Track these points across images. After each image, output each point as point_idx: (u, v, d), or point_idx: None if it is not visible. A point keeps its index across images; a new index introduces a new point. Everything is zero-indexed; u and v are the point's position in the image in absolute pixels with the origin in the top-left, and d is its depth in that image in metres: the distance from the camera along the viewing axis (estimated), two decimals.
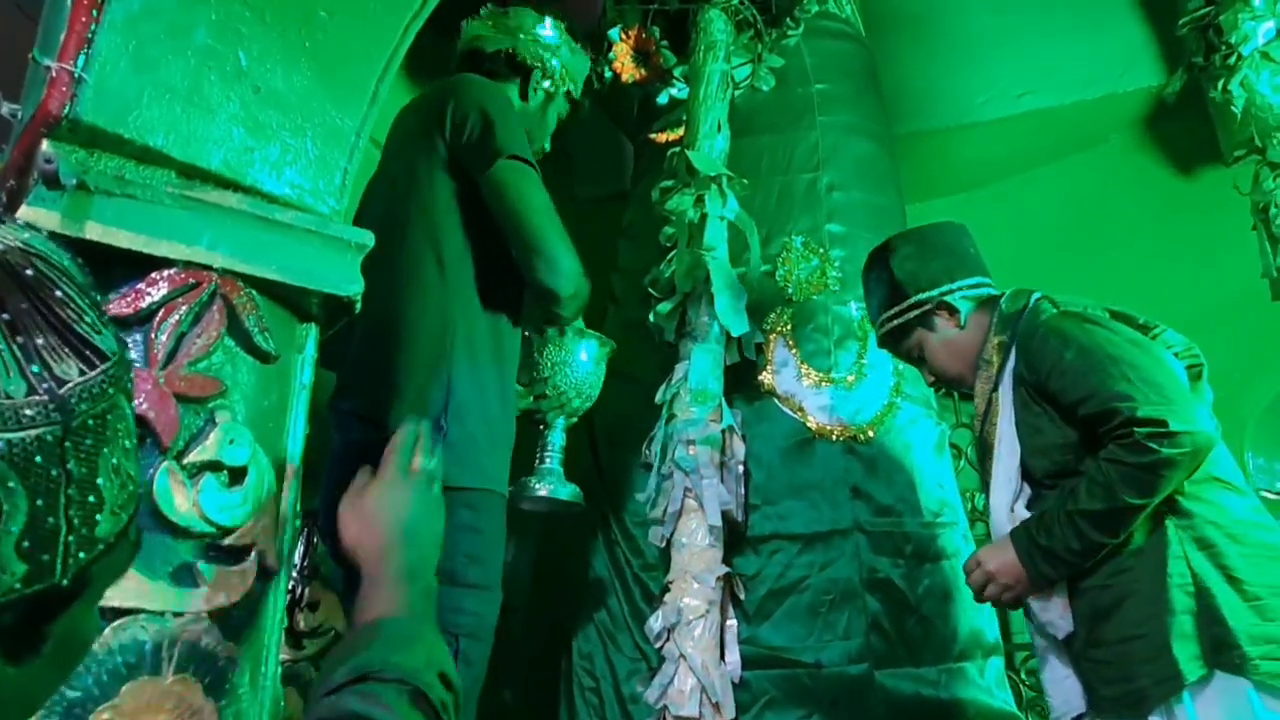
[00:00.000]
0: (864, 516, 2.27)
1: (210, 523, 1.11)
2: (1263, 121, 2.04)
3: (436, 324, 1.76)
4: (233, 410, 1.18)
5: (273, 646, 1.21)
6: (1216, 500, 1.53)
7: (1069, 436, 1.62)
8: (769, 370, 2.41)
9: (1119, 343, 1.59)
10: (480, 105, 1.83)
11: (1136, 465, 1.48)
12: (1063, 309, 1.70)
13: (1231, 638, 1.41)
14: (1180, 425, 1.47)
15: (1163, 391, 1.51)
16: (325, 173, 1.33)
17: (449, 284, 1.79)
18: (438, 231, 1.81)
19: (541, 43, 2.07)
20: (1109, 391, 1.53)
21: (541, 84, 2.06)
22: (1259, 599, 1.44)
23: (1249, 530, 1.51)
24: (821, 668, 2.13)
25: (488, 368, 1.80)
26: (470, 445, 1.72)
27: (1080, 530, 1.53)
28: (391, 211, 1.85)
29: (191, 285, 1.17)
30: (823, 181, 2.63)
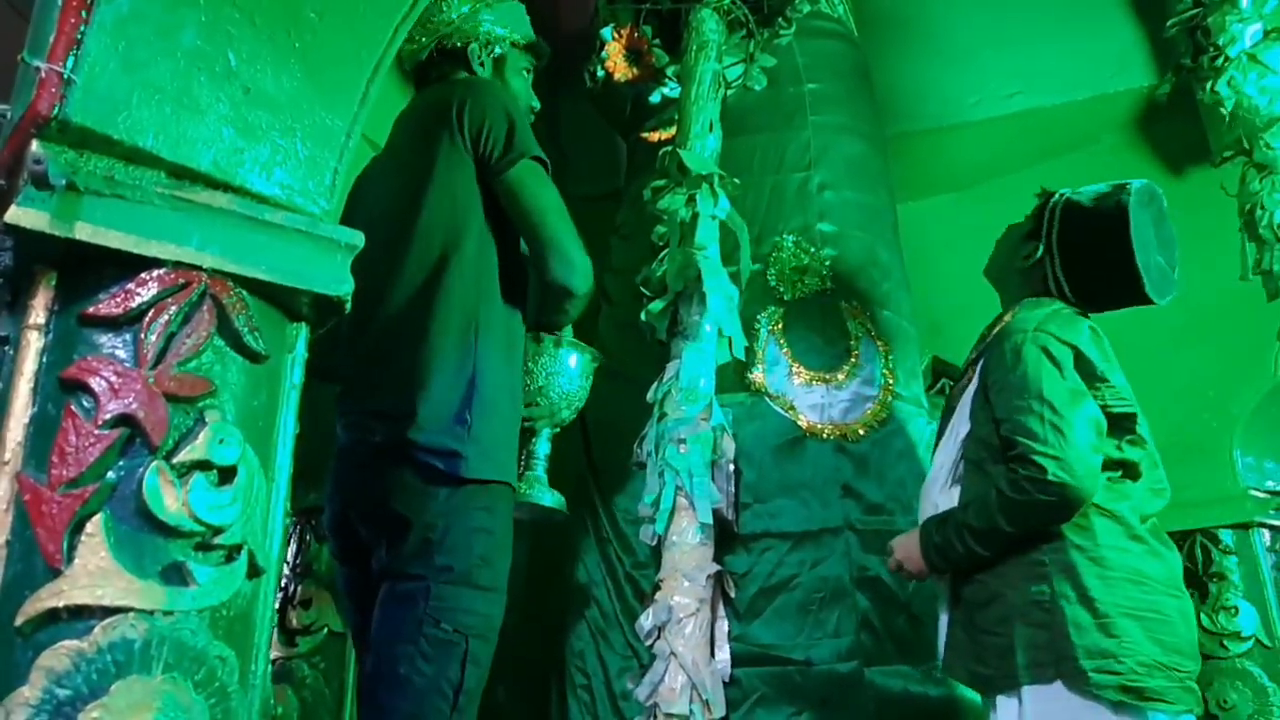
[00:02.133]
0: (854, 515, 2.29)
1: (200, 522, 1.11)
2: (1250, 123, 2.05)
3: (461, 320, 1.79)
4: (222, 410, 1.18)
5: (263, 645, 1.22)
6: (1089, 526, 1.67)
7: (993, 439, 1.75)
8: (760, 369, 2.42)
9: (1058, 388, 1.70)
10: (496, 107, 1.87)
11: (1010, 499, 1.65)
12: (1037, 331, 1.76)
13: (1072, 651, 1.57)
14: (1056, 476, 1.61)
15: (1065, 443, 1.63)
16: (315, 173, 1.33)
17: (471, 282, 1.82)
18: (460, 231, 1.84)
19: (455, 20, 2.07)
20: (1021, 424, 1.68)
21: (483, 54, 2.07)
22: (1107, 617, 1.59)
23: (1114, 554, 1.66)
24: (811, 665, 2.15)
25: (504, 364, 1.84)
26: (492, 439, 1.77)
27: (963, 539, 1.72)
28: (405, 211, 1.87)
29: (181, 285, 1.17)
30: (814, 181, 2.64)
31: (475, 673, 1.71)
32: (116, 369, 1.11)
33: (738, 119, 2.68)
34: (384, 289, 1.85)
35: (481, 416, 1.75)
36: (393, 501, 1.74)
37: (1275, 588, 3.06)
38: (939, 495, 1.87)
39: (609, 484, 2.59)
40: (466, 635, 1.69)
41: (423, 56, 2.10)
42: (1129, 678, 1.54)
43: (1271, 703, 2.89)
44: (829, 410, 2.38)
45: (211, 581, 1.12)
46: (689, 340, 2.23)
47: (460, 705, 1.68)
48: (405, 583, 1.73)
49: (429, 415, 1.73)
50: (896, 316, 2.64)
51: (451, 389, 1.75)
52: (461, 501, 1.74)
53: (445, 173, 1.86)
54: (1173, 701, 1.56)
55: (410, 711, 1.66)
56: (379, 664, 1.72)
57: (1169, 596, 1.66)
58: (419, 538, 1.72)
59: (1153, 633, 1.59)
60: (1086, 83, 3.46)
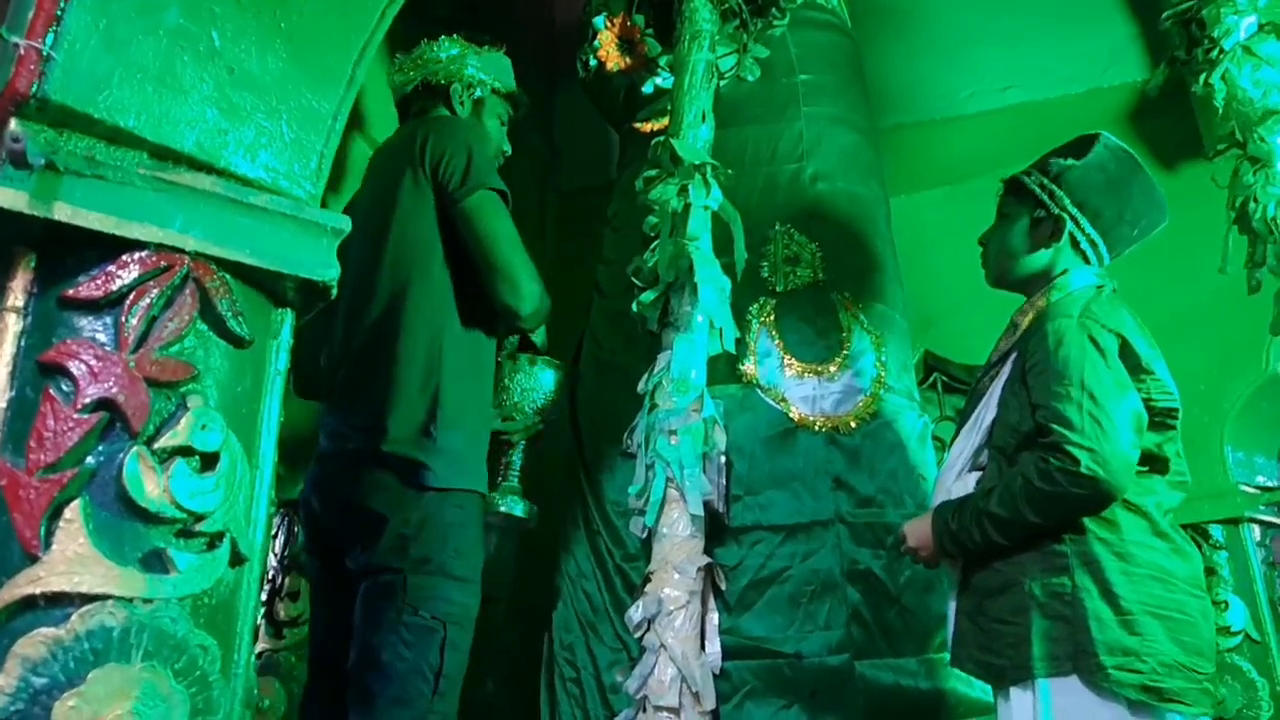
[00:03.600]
0: (845, 507, 2.28)
1: (181, 509, 1.10)
2: (1244, 116, 2.04)
3: (425, 341, 1.95)
4: (205, 395, 1.17)
5: (245, 634, 1.20)
6: (1114, 520, 1.63)
7: (1026, 426, 1.71)
8: (752, 361, 2.40)
9: (1101, 377, 1.65)
10: (456, 140, 2.03)
11: (1039, 489, 1.61)
12: (1084, 317, 1.72)
13: (1092, 647, 1.55)
14: (1090, 469, 1.57)
15: (1102, 435, 1.59)
16: (301, 156, 1.31)
17: (434, 305, 1.98)
18: (424, 259, 2.00)
19: (443, 60, 2.26)
20: (1058, 411, 1.63)
21: (464, 94, 2.25)
22: (1130, 614, 1.56)
23: (1139, 550, 1.62)
24: (802, 658, 2.14)
25: (470, 381, 1.99)
26: (456, 451, 1.91)
27: (983, 527, 1.68)
28: (375, 242, 2.03)
29: (164, 268, 1.15)
30: (807, 172, 2.63)
31: (455, 658, 1.84)
32: (96, 352, 1.09)
33: (731, 110, 2.66)
34: (358, 314, 2.03)
35: (446, 430, 1.90)
36: (369, 502, 1.88)
37: (1265, 583, 3.07)
38: (954, 482, 1.83)
39: (599, 476, 2.57)
40: (445, 622, 1.82)
41: (408, 90, 2.27)
42: (1150, 677, 1.52)
43: (1260, 697, 2.90)
44: (820, 402, 2.37)
45: (193, 569, 1.10)
46: (680, 331, 2.21)
47: (441, 689, 1.79)
48: (384, 575, 1.85)
49: (397, 430, 1.89)
50: (889, 309, 2.62)
51: (417, 405, 1.90)
52: (433, 503, 1.88)
53: (409, 204, 2.02)
54: (1190, 703, 1.53)
55: (394, 695, 1.77)
56: (363, 652, 1.83)
57: (1192, 596, 1.63)
58: (395, 534, 1.85)
59: (1175, 633, 1.56)
60: (1080, 77, 3.45)
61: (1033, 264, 1.91)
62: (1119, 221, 1.85)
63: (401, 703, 1.77)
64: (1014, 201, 1.97)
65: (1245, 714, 2.89)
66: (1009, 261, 1.95)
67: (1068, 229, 1.86)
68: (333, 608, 1.98)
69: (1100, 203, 1.84)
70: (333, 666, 1.94)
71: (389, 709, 1.77)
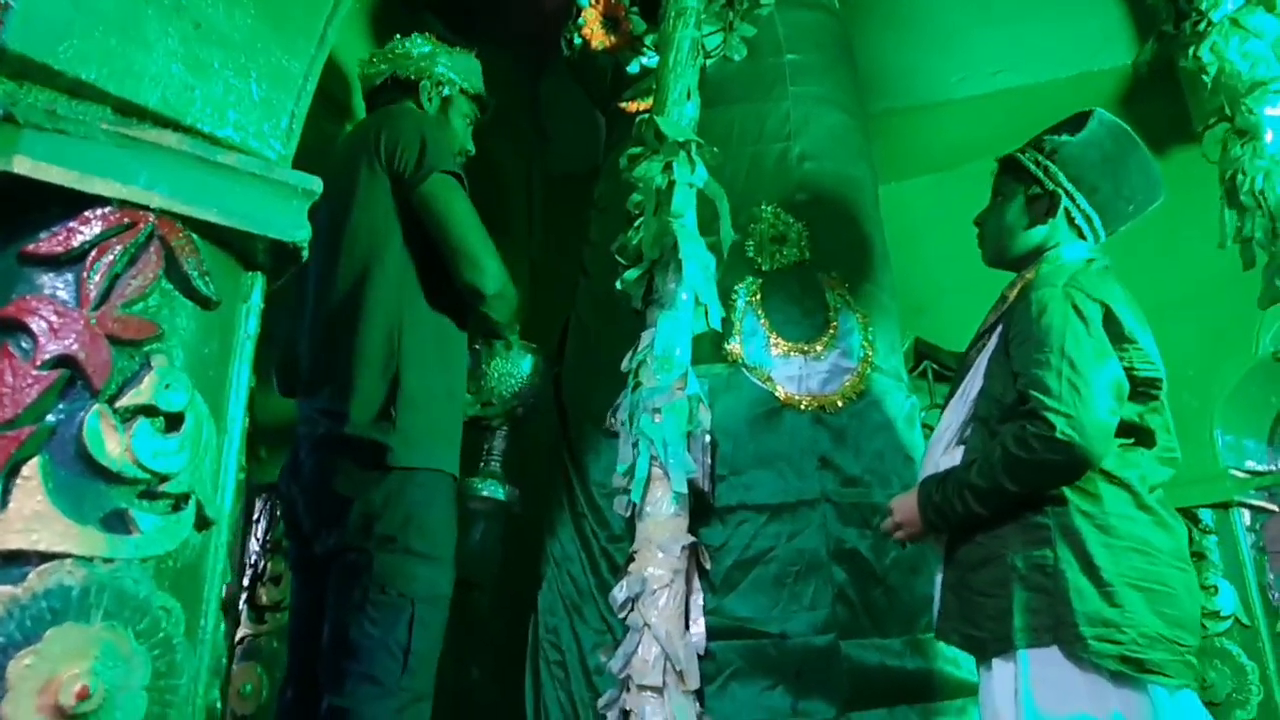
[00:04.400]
0: (831, 487, 2.26)
1: (144, 468, 1.07)
2: (1232, 89, 2.02)
3: (384, 327, 1.97)
4: (170, 355, 1.14)
5: (213, 600, 1.18)
6: (1096, 492, 1.62)
7: (1009, 397, 1.70)
8: (738, 340, 2.38)
9: (1082, 344, 1.63)
10: (412, 128, 2.06)
11: (1015, 457, 1.61)
12: (1069, 286, 1.71)
13: (1072, 618, 1.53)
14: (1065, 435, 1.56)
15: (1080, 402, 1.58)
16: (271, 115, 1.29)
17: (392, 291, 2.00)
18: (381, 246, 2.02)
19: (415, 57, 2.30)
20: (1038, 378, 1.62)
21: (433, 91, 2.29)
22: (1110, 586, 1.55)
23: (1121, 523, 1.61)
24: (787, 638, 2.12)
25: (432, 364, 2.01)
26: (417, 432, 1.93)
27: (964, 498, 1.67)
28: (337, 230, 2.06)
29: (127, 225, 1.13)
30: (794, 151, 2.60)
31: (425, 635, 1.85)
32: (56, 309, 1.07)
33: (717, 89, 2.64)
34: (322, 303, 2.07)
35: (406, 411, 1.92)
36: (335, 485, 1.91)
37: (1255, 567, 3.06)
38: (941, 456, 1.82)
39: (584, 459, 2.55)
40: (412, 599, 1.84)
41: (377, 82, 2.31)
42: (1130, 648, 1.51)
43: (1250, 681, 2.89)
44: (807, 382, 2.35)
45: (156, 530, 1.08)
46: (664, 309, 2.19)
47: (411, 665, 1.81)
48: (350, 555, 1.88)
49: (358, 414, 1.91)
50: (876, 289, 2.60)
51: (377, 388, 1.93)
52: (396, 483, 1.90)
53: (366, 192, 2.05)
54: (1172, 675, 1.53)
55: (363, 672, 1.79)
56: (333, 631, 1.86)
57: (1174, 569, 1.61)
58: (359, 514, 1.87)
59: (1156, 605, 1.55)
60: (1070, 61, 3.44)
61: (1029, 241, 1.89)
62: (1115, 197, 1.84)
63: (370, 680, 1.79)
64: (1009, 180, 1.96)
65: (1235, 698, 2.88)
66: (1005, 239, 1.94)
67: (1063, 205, 1.84)
68: (310, 591, 2.00)
69: (1096, 178, 1.83)
70: (310, 649, 1.96)
71: (358, 686, 1.79)
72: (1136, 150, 1.86)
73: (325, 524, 1.93)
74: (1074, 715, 1.51)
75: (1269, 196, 1.94)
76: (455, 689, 3.23)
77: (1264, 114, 1.96)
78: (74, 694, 0.94)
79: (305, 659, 2.02)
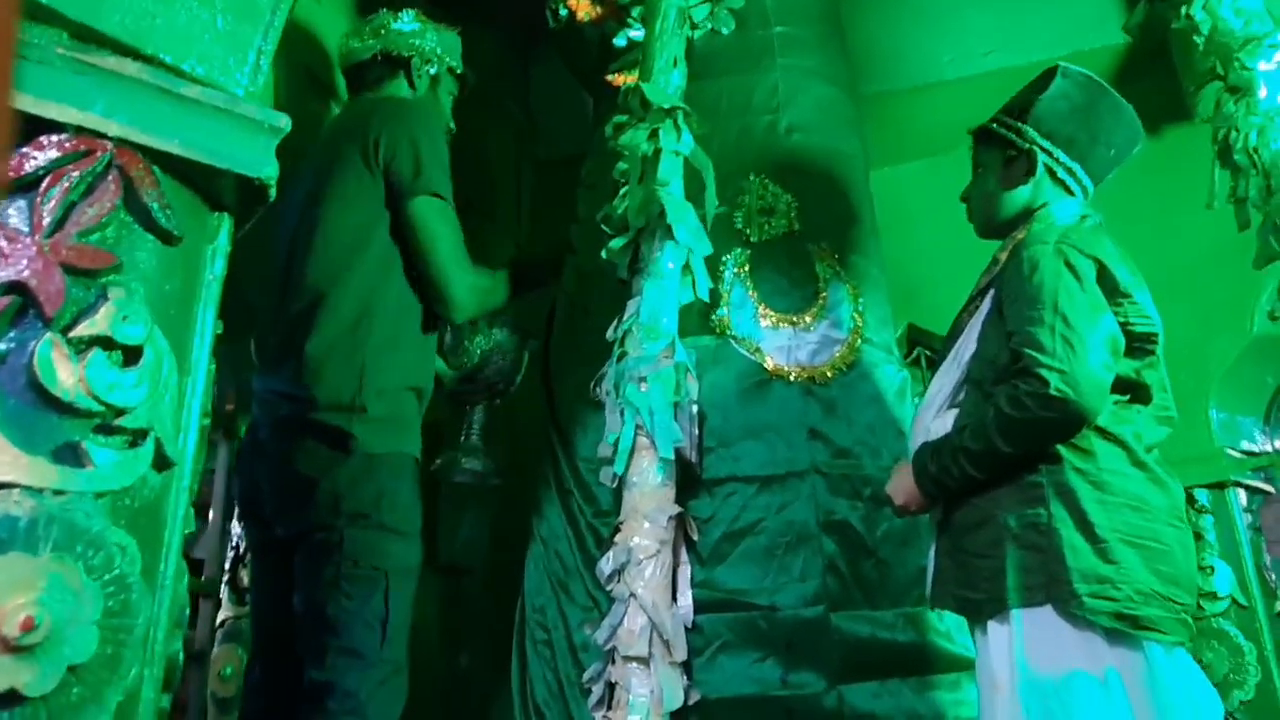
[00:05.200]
0: (821, 458, 2.21)
1: (99, 400, 1.04)
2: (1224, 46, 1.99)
3: (354, 314, 1.99)
4: (128, 288, 1.11)
5: (174, 544, 1.14)
6: (1091, 449, 1.59)
7: (1003, 359, 1.66)
8: (726, 311, 2.34)
9: (1075, 300, 1.60)
10: (407, 136, 2.06)
11: (1009, 416, 1.57)
12: (1060, 243, 1.68)
13: (1065, 574, 1.50)
14: (1059, 390, 1.52)
15: (1074, 357, 1.54)
16: (237, 49, 1.25)
17: (369, 278, 2.02)
18: (366, 237, 2.04)
19: (405, 33, 2.30)
20: (1031, 335, 1.59)
21: (424, 69, 2.31)
22: (1105, 542, 1.51)
23: (1115, 479, 1.58)
24: (776, 610, 2.07)
25: (401, 350, 2.04)
26: (384, 420, 1.96)
27: (959, 463, 1.63)
28: (318, 212, 2.06)
29: (84, 152, 1.10)
30: (782, 123, 2.57)
31: (399, 606, 1.88)
32: (7, 234, 1.03)
33: (704, 62, 2.61)
34: (295, 282, 2.05)
35: (373, 398, 1.94)
36: (301, 466, 1.91)
37: (1251, 547, 3.02)
38: (932, 420, 1.78)
39: (572, 435, 2.51)
40: (386, 572, 1.87)
41: (365, 58, 2.30)
42: (1125, 605, 1.47)
43: (1247, 662, 2.85)
44: (796, 352, 2.31)
45: (111, 465, 1.04)
46: (650, 277, 2.16)
47: (389, 636, 1.84)
48: (321, 534, 1.88)
49: (325, 398, 1.93)
50: (866, 261, 2.57)
51: (345, 374, 1.94)
52: (363, 465, 1.92)
53: (355, 184, 2.06)
54: (1167, 632, 1.49)
55: (342, 646, 1.81)
56: (309, 609, 1.87)
57: (1170, 526, 1.58)
58: (328, 492, 1.88)
59: (1151, 562, 1.52)
60: (1062, 40, 3.40)
61: (1014, 203, 1.87)
62: (1093, 143, 1.81)
63: (351, 652, 1.81)
64: (985, 150, 1.95)
65: (1232, 679, 2.83)
66: (991, 206, 1.92)
67: (1041, 161, 1.82)
68: (273, 573, 2.01)
69: (1070, 129, 1.80)
70: (276, 629, 1.98)
71: (339, 659, 1.81)
72: (1105, 95, 1.83)
73: (290, 504, 1.94)
74: (1069, 673, 1.47)
75: (1263, 154, 1.91)
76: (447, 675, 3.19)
77: (1258, 69, 1.93)
78: (18, 624, 0.90)
79: (270, 639, 2.04)
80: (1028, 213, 1.84)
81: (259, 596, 2.12)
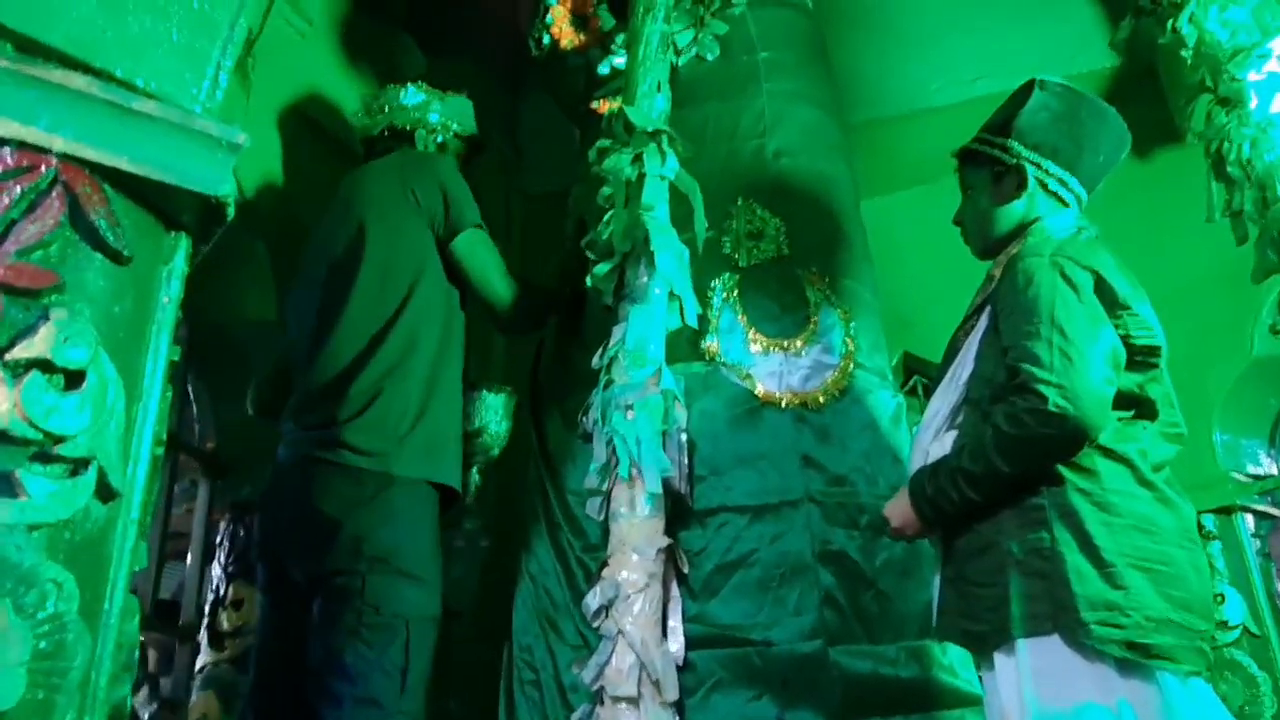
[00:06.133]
0: (816, 486, 2.15)
1: (36, 427, 0.97)
2: (1213, 58, 1.96)
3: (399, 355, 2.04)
4: (72, 309, 1.05)
5: (120, 581, 1.07)
6: (1093, 468, 1.53)
7: (1000, 376, 1.60)
8: (715, 338, 2.29)
9: (1073, 313, 1.55)
10: (435, 181, 2.22)
11: (1007, 435, 1.51)
12: (1056, 255, 1.63)
13: (1072, 602, 1.43)
14: (1058, 406, 1.46)
15: (1072, 371, 1.48)
16: (193, 64, 1.21)
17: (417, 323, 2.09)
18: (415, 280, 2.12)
19: (409, 107, 2.43)
20: (1028, 349, 1.54)
21: (428, 140, 2.42)
22: (1112, 566, 1.44)
23: (1121, 500, 1.51)
24: (772, 646, 1.99)
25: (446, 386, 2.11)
26: (426, 446, 1.99)
27: (958, 485, 1.57)
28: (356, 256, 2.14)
29: (26, 168, 1.05)
30: (769, 147, 2.54)
31: (419, 655, 1.85)
32: None
33: (690, 88, 2.59)
34: (329, 325, 2.10)
35: (414, 424, 1.98)
36: (323, 505, 1.90)
37: (1262, 574, 2.93)
38: (931, 443, 1.72)
39: (560, 468, 2.44)
40: (406, 620, 1.85)
41: (374, 133, 2.45)
42: (1135, 632, 1.39)
43: (1262, 693, 2.75)
44: (787, 378, 2.25)
45: (48, 496, 0.98)
46: (636, 303, 2.11)
47: (409, 686, 1.81)
48: (341, 578, 1.86)
49: (365, 424, 1.96)
50: (858, 285, 2.52)
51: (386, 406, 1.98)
52: (388, 501, 1.91)
53: (401, 229, 2.16)
54: (1181, 661, 1.41)
55: (360, 695, 1.77)
56: (325, 656, 1.83)
57: (1180, 548, 1.50)
58: (349, 536, 1.87)
59: (1162, 586, 1.44)
60: (1048, 65, 3.35)
61: (1009, 219, 1.82)
62: (1081, 150, 1.78)
63: (370, 703, 1.78)
64: (972, 171, 1.91)
65: (1248, 710, 2.73)
66: (986, 225, 1.86)
67: (1031, 175, 1.77)
68: (284, 616, 1.99)
69: (1054, 139, 1.77)
70: (279, 674, 1.94)
71: (356, 709, 1.77)
72: (1085, 101, 1.80)
73: (310, 547, 1.91)
74: (1080, 706, 1.39)
75: (1256, 165, 1.87)
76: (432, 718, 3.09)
77: (1247, 80, 1.90)
78: None
79: (270, 684, 1.98)
80: (1022, 227, 1.80)
81: (265, 640, 2.08)
